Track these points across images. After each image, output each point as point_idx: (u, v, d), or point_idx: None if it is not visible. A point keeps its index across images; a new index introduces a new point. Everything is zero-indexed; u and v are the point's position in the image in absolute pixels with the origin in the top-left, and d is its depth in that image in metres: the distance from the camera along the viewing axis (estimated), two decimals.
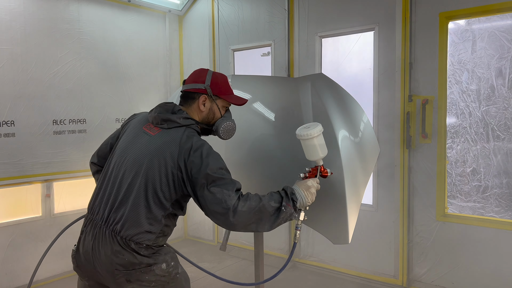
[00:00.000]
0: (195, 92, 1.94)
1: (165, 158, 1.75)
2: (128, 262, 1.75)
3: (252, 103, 2.54)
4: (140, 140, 1.86)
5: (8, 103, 3.84)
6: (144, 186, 1.76)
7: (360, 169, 2.24)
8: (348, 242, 2.00)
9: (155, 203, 1.77)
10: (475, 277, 3.53)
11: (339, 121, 2.18)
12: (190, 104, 1.95)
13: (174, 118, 1.84)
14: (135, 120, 2.00)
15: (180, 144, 1.76)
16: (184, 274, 1.93)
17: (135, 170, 1.79)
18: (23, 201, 4.04)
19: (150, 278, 1.77)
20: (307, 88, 2.31)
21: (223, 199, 1.66)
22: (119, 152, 1.91)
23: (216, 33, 5.20)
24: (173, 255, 1.88)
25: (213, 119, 1.98)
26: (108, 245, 1.77)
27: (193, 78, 1.97)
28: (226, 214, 1.67)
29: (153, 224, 1.78)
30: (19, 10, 3.90)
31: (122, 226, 1.75)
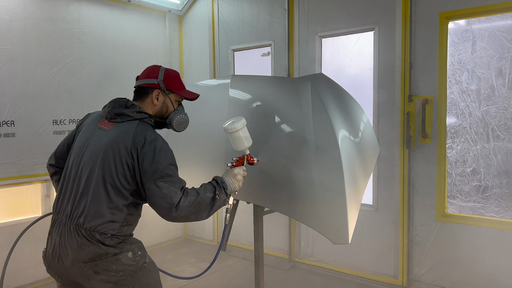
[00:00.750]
0: (148, 87, 2.02)
1: (119, 149, 1.82)
2: (94, 253, 1.80)
3: (252, 103, 2.54)
4: (95, 136, 1.92)
5: (8, 103, 3.84)
6: (102, 177, 1.82)
7: (360, 169, 2.24)
8: (348, 242, 2.00)
9: (115, 193, 1.82)
10: (475, 277, 3.53)
11: (339, 121, 2.18)
12: (144, 99, 2.03)
13: (127, 112, 1.91)
14: (89, 118, 2.06)
15: (134, 135, 1.84)
16: (152, 264, 1.98)
17: (92, 163, 1.85)
18: (23, 201, 4.04)
19: (117, 268, 1.82)
20: (307, 88, 2.31)
21: (169, 195, 1.75)
22: (76, 150, 1.97)
23: (216, 33, 5.20)
24: (140, 245, 1.93)
25: (166, 113, 2.06)
26: (73, 239, 1.82)
27: (146, 74, 2.05)
28: (169, 209, 1.76)
29: (116, 214, 1.83)
30: (19, 10, 3.90)
31: (85, 218, 1.81)
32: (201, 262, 4.72)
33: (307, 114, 2.21)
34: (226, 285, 4.10)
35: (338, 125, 2.13)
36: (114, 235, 1.84)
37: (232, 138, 2.06)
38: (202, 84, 2.89)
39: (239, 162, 2.08)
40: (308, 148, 2.16)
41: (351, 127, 2.32)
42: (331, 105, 2.22)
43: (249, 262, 4.65)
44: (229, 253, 4.94)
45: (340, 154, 2.02)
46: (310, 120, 2.19)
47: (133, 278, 1.86)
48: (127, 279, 1.84)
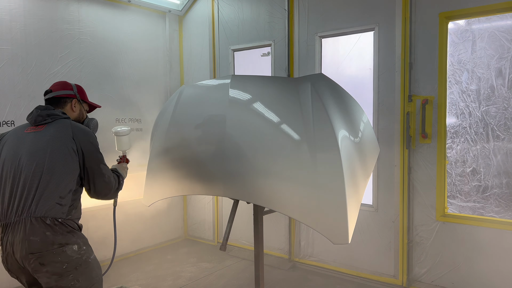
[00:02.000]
0: (66, 97, 2.35)
1: (64, 138, 2.09)
2: (40, 244, 1.92)
3: (252, 103, 2.54)
4: (27, 140, 2.12)
5: (8, 103, 3.85)
6: (52, 167, 2.03)
7: (360, 169, 2.25)
8: (348, 242, 2.00)
9: (66, 179, 2.05)
10: (475, 277, 3.53)
11: (339, 121, 2.18)
12: (63, 107, 2.35)
13: (56, 112, 2.22)
14: (9, 133, 2.25)
15: (72, 127, 2.16)
16: (96, 262, 2.14)
17: (37, 158, 2.05)
18: None
19: (62, 259, 1.95)
20: (307, 88, 2.31)
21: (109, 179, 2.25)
22: (8, 158, 2.12)
23: (216, 33, 5.20)
24: (86, 241, 2.12)
25: (82, 118, 2.46)
26: (22, 232, 1.94)
27: (61, 86, 2.38)
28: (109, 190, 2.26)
29: (63, 197, 2.04)
30: (19, 10, 3.90)
31: (36, 205, 1.98)
32: (201, 262, 4.72)
33: (307, 114, 2.21)
34: (226, 285, 4.10)
35: (338, 125, 2.13)
36: (64, 222, 2.01)
37: (119, 140, 2.77)
38: (202, 84, 2.89)
39: (122, 160, 2.74)
40: (308, 148, 2.16)
41: (351, 127, 2.32)
42: (331, 105, 2.22)
43: (249, 262, 4.65)
44: (229, 253, 4.94)
45: (340, 154, 2.02)
46: (310, 120, 2.19)
47: (77, 270, 2.00)
48: (71, 271, 1.97)
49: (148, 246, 5.21)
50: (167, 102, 2.99)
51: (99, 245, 4.21)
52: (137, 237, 5.07)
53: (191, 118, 2.62)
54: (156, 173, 2.70)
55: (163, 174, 2.73)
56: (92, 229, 4.47)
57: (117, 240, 2.78)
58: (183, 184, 2.63)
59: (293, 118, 2.30)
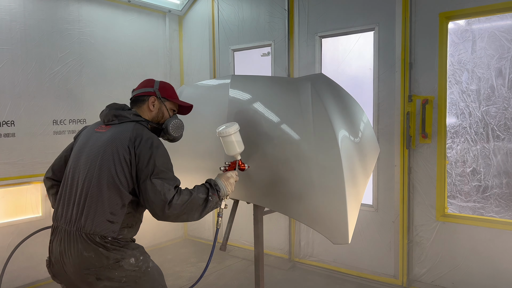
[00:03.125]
0: (145, 95, 2.09)
1: (117, 146, 1.84)
2: (95, 260, 1.78)
3: (252, 103, 2.54)
4: (92, 140, 1.95)
5: (8, 103, 3.84)
6: (99, 176, 1.82)
7: (360, 169, 2.24)
8: (348, 242, 2.00)
9: (113, 192, 1.81)
10: (475, 277, 3.53)
11: (339, 121, 2.18)
12: (140, 106, 2.08)
13: (124, 114, 1.97)
14: (86, 128, 2.10)
15: (131, 133, 1.88)
16: (156, 268, 1.96)
17: (89, 164, 1.87)
18: (23, 201, 4.04)
19: (120, 274, 1.80)
20: (307, 88, 2.31)
21: (163, 192, 1.77)
22: (73, 158, 1.99)
23: (216, 33, 5.20)
24: (142, 250, 1.93)
25: (162, 119, 2.12)
26: (74, 246, 1.80)
27: (143, 85, 2.15)
28: (162, 206, 1.76)
29: (114, 214, 1.82)
30: (19, 10, 3.90)
31: (85, 220, 1.80)
32: (201, 262, 4.72)
33: (307, 114, 2.21)
34: (226, 285, 4.10)
35: (338, 125, 2.13)
36: (115, 239, 1.82)
37: (225, 143, 2.11)
38: (202, 84, 2.89)
39: (231, 166, 2.14)
40: (308, 148, 2.16)
41: (351, 127, 2.32)
42: (331, 105, 2.22)
43: (249, 262, 4.65)
44: (229, 253, 4.94)
45: (340, 154, 2.01)
46: (310, 120, 2.19)
47: (137, 284, 1.85)
48: (130, 285, 1.83)
49: (148, 246, 5.20)
50: None
51: None
52: (137, 237, 5.06)
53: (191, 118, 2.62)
54: None
55: None
56: None
57: None
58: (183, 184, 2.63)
59: (293, 118, 2.30)
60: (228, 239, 2.51)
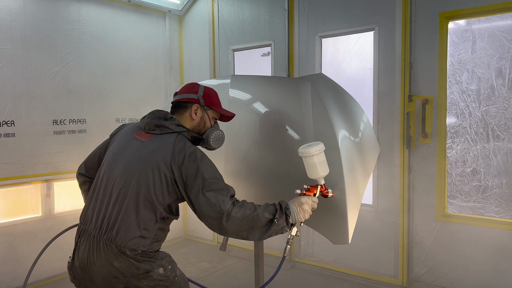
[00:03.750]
0: (187, 101, 1.99)
1: (158, 162, 1.77)
2: (125, 270, 1.75)
3: (252, 103, 2.54)
4: (130, 147, 1.87)
5: (8, 103, 3.84)
6: (136, 191, 1.76)
7: (360, 169, 2.24)
8: (348, 242, 2.00)
9: (148, 208, 1.77)
10: (475, 277, 3.53)
11: (339, 121, 2.18)
12: (182, 113, 2.00)
13: (167, 124, 1.87)
14: (124, 129, 2.02)
15: (174, 148, 1.79)
16: (182, 277, 1.94)
17: (127, 175, 1.80)
18: (23, 201, 4.04)
19: (148, 284, 1.78)
20: (307, 88, 2.31)
21: (218, 204, 1.70)
22: (109, 160, 1.91)
23: (216, 33, 5.20)
24: (170, 259, 1.89)
25: (203, 128, 2.03)
26: (102, 254, 1.77)
27: (186, 89, 2.04)
28: (219, 219, 1.70)
29: (147, 229, 1.78)
30: (19, 10, 3.90)
31: (117, 233, 1.76)
32: (201, 262, 4.72)
33: (307, 114, 2.21)
34: (226, 285, 4.10)
35: (338, 125, 2.13)
36: (145, 252, 1.79)
37: (306, 164, 1.91)
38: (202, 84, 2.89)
39: (310, 191, 1.92)
40: None
41: (351, 127, 2.32)
42: (331, 105, 2.22)
43: (249, 262, 4.65)
44: (229, 253, 4.94)
45: (340, 154, 2.01)
46: (310, 120, 2.19)
47: None
48: None
49: None
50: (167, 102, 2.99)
51: None
52: None
53: None
54: None
55: None
56: None
57: None
58: None
59: (293, 118, 2.30)
60: (228, 239, 2.51)
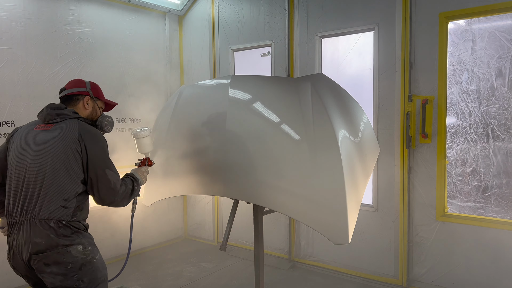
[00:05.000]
0: (79, 94, 2.28)
1: (67, 140, 2.02)
2: (45, 245, 1.92)
3: (252, 103, 2.54)
4: (35, 138, 2.08)
5: (8, 103, 3.84)
6: (53, 168, 1.98)
7: (360, 169, 2.24)
8: (348, 242, 2.00)
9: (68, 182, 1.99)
10: (475, 277, 3.53)
11: (339, 121, 2.18)
12: (75, 105, 2.27)
13: (66, 112, 2.15)
14: (21, 129, 2.21)
15: (78, 128, 2.08)
16: (101, 262, 2.11)
17: (41, 159, 2.01)
18: None
19: (67, 260, 1.94)
20: (307, 88, 2.31)
21: (113, 182, 2.08)
22: (16, 157, 2.08)
23: (216, 33, 5.20)
24: (91, 241, 2.09)
25: (95, 116, 2.36)
26: (26, 232, 1.95)
27: (74, 84, 2.32)
28: (113, 195, 2.09)
29: (68, 200, 1.99)
30: (19, 10, 3.90)
31: (40, 208, 1.95)
32: (201, 262, 4.72)
33: (307, 114, 2.21)
34: (226, 285, 4.10)
35: (338, 125, 2.13)
36: (68, 224, 1.98)
37: (138, 143, 2.47)
38: (202, 84, 2.89)
39: (142, 163, 2.49)
40: (308, 148, 2.16)
41: (351, 127, 2.32)
42: (331, 105, 2.22)
43: (249, 262, 4.65)
44: (229, 253, 4.94)
45: (340, 154, 2.02)
46: (310, 120, 2.19)
47: (82, 271, 1.98)
48: (76, 271, 1.96)
49: (148, 246, 5.20)
50: (167, 102, 2.99)
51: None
52: (137, 237, 5.07)
53: (191, 118, 2.62)
54: (156, 173, 2.70)
55: (163, 174, 2.73)
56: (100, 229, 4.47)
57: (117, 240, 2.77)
58: (183, 184, 2.63)
59: (293, 118, 2.30)
60: (228, 239, 2.51)
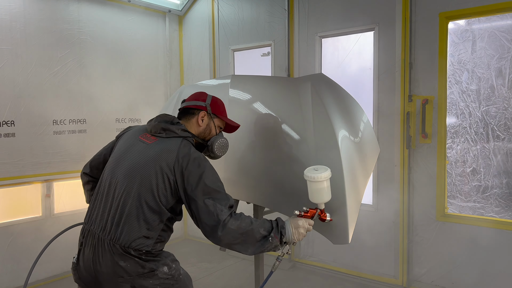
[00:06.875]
0: (195, 108, 2.04)
1: (161, 164, 1.79)
2: (131, 269, 1.77)
3: (252, 103, 2.54)
4: (135, 149, 1.90)
5: (8, 103, 3.84)
6: (139, 192, 1.79)
7: (360, 169, 2.24)
8: (348, 242, 2.00)
9: (152, 209, 1.79)
10: (475, 277, 3.53)
11: (339, 121, 2.17)
12: (189, 119, 2.04)
13: (173, 128, 1.91)
14: (131, 131, 2.05)
15: (178, 152, 1.82)
16: (186, 275, 1.97)
17: (130, 177, 1.82)
18: (23, 201, 4.04)
19: (154, 282, 1.79)
20: (307, 88, 2.31)
21: (215, 213, 1.73)
22: (113, 161, 1.94)
23: (216, 33, 5.20)
24: (173, 258, 1.91)
25: (209, 135, 2.07)
26: (108, 255, 1.79)
27: (195, 97, 2.09)
28: (215, 228, 1.73)
29: (151, 230, 1.80)
30: (19, 10, 3.90)
31: (121, 233, 1.78)
32: (201, 262, 4.72)
33: (307, 114, 2.21)
34: (226, 285, 4.10)
35: (338, 125, 2.13)
36: (149, 252, 1.81)
37: (311, 188, 1.91)
38: (202, 84, 2.89)
39: (308, 214, 1.93)
40: (308, 148, 2.16)
41: (351, 127, 2.31)
42: (331, 105, 2.22)
43: (249, 262, 4.65)
44: (229, 253, 4.93)
45: (340, 154, 2.01)
46: (310, 120, 2.19)
47: None
48: None
49: None
50: (167, 102, 2.98)
51: None
52: None
53: None
54: None
55: None
56: None
57: None
58: None
59: (293, 118, 2.30)
60: None
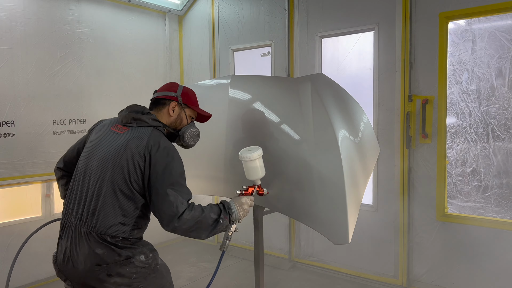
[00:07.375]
0: (166, 98, 2.07)
1: (132, 152, 1.83)
2: (107, 256, 1.79)
3: (252, 103, 2.54)
4: (107, 139, 1.93)
5: (8, 103, 3.84)
6: (112, 180, 1.82)
7: (360, 169, 2.24)
8: (348, 242, 2.00)
9: (126, 195, 1.83)
10: (475, 277, 3.53)
11: (339, 121, 2.17)
12: (160, 109, 2.06)
13: (143, 118, 1.94)
14: (102, 123, 2.07)
15: (148, 139, 1.85)
16: (164, 266, 2.01)
17: (103, 165, 1.86)
18: (23, 201, 4.03)
19: (130, 270, 1.83)
20: (307, 88, 2.31)
21: (176, 204, 1.77)
22: (86, 153, 1.97)
23: (216, 33, 5.20)
24: (151, 247, 1.95)
25: (180, 125, 2.10)
26: (84, 243, 1.82)
27: (166, 88, 2.12)
28: (172, 218, 1.77)
29: (126, 216, 1.84)
30: (19, 10, 3.90)
31: (97, 220, 1.81)
32: (201, 262, 4.72)
33: (307, 114, 2.21)
34: (226, 285, 4.10)
35: (338, 125, 2.13)
36: (125, 238, 1.84)
37: (246, 167, 2.06)
38: (202, 84, 2.89)
39: (248, 191, 2.08)
40: (308, 148, 2.16)
41: (351, 127, 2.31)
42: (331, 105, 2.22)
43: (249, 262, 4.65)
44: (229, 253, 4.94)
45: (340, 154, 2.01)
46: (310, 120, 2.19)
47: (146, 280, 1.87)
48: (140, 281, 1.85)
49: None
50: None
51: None
52: None
53: None
54: None
55: None
56: None
57: None
58: None
59: (293, 118, 2.30)
60: None
